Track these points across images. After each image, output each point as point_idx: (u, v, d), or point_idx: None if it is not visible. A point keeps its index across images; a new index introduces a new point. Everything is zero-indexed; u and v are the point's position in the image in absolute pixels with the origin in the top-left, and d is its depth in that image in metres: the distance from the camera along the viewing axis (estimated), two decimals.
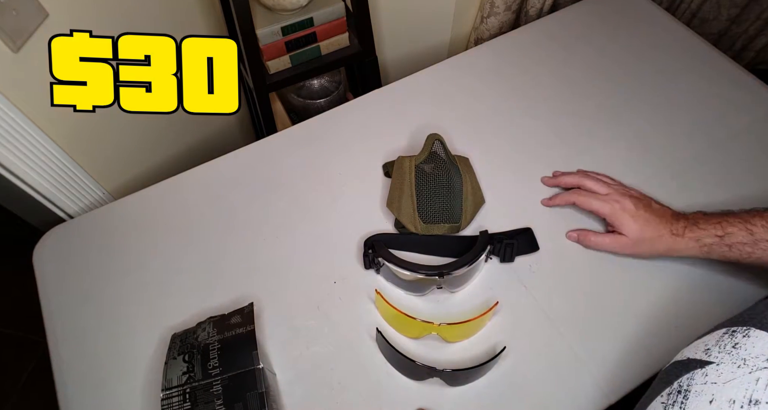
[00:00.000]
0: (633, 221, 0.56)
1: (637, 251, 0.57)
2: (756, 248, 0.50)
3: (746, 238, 0.51)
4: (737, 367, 0.30)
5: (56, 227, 0.68)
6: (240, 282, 0.62)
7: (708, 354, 0.33)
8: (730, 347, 0.32)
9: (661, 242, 0.55)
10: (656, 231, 0.55)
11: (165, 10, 0.85)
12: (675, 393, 0.33)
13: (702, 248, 0.53)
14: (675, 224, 0.55)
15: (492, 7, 0.99)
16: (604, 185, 0.60)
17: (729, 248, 0.52)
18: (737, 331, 0.32)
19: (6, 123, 0.63)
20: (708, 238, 0.53)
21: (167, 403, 0.49)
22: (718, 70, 0.77)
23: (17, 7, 0.60)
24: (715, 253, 0.53)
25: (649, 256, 0.57)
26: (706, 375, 0.32)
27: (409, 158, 0.64)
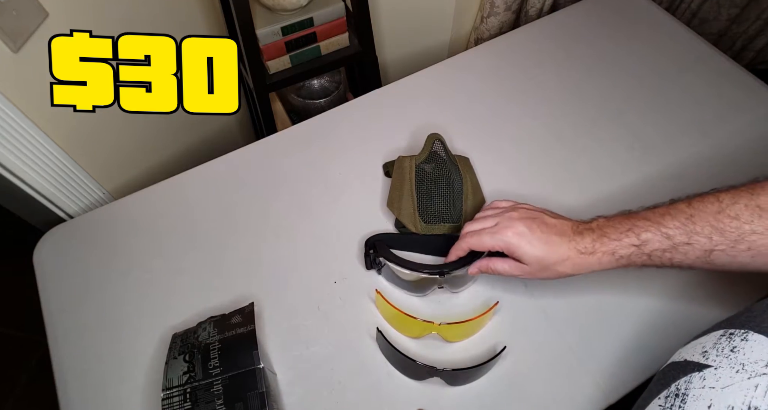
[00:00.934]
0: (530, 246, 0.49)
1: (544, 276, 0.50)
2: (676, 253, 0.45)
3: (664, 243, 0.45)
4: (736, 372, 0.30)
5: (56, 227, 0.68)
6: (240, 282, 0.62)
7: (705, 356, 0.33)
8: (728, 350, 0.32)
9: (567, 264, 0.48)
10: (559, 254, 0.48)
11: (165, 10, 0.85)
12: (672, 396, 0.33)
13: (619, 261, 0.47)
14: (580, 241, 0.48)
15: (492, 7, 0.99)
16: (490, 217, 0.53)
17: (648, 256, 0.46)
18: (735, 334, 0.32)
19: (6, 123, 0.63)
20: (623, 249, 0.47)
21: (168, 403, 0.49)
22: (718, 70, 0.77)
23: (17, 7, 0.60)
24: (633, 264, 0.47)
25: (557, 278, 0.50)
26: (704, 378, 0.31)
27: (410, 158, 0.64)
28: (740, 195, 0.43)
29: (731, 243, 0.42)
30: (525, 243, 0.49)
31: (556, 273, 0.49)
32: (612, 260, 0.47)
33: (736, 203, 0.43)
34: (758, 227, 0.41)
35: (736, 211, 0.42)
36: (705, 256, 0.44)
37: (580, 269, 0.49)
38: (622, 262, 0.47)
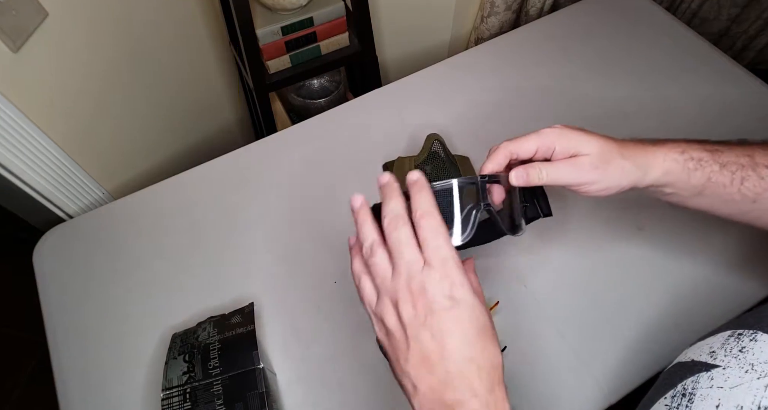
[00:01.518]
0: (587, 133, 0.41)
1: (605, 175, 0.40)
2: (752, 174, 0.40)
3: (742, 159, 0.40)
4: (745, 372, 0.30)
5: (56, 227, 0.68)
6: (240, 282, 0.62)
7: (713, 357, 0.33)
8: (736, 351, 0.31)
9: (631, 153, 0.41)
10: (621, 143, 0.41)
11: (164, 10, 0.85)
12: (679, 395, 0.32)
13: (687, 163, 0.40)
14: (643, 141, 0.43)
15: (492, 7, 0.99)
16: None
17: (721, 168, 0.40)
18: (743, 334, 0.32)
19: (6, 123, 0.63)
20: (694, 151, 0.41)
21: (167, 403, 0.49)
22: (719, 70, 0.77)
23: (17, 7, 0.60)
24: (701, 173, 0.40)
25: (618, 180, 0.41)
26: (711, 378, 0.31)
27: (409, 158, 0.64)
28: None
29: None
30: (579, 130, 0.42)
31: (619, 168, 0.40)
32: (680, 159, 0.41)
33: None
34: None
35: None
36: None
37: (644, 163, 0.41)
38: (690, 165, 0.40)
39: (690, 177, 0.41)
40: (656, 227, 0.63)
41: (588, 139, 0.41)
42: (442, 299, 0.31)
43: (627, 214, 0.64)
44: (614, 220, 0.64)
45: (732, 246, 0.61)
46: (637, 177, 0.41)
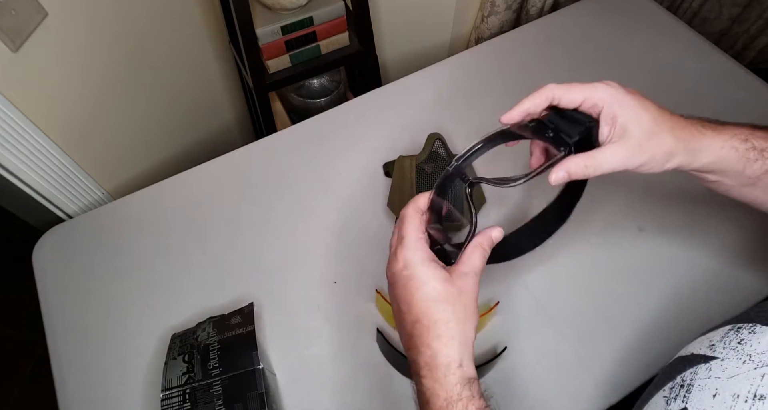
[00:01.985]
0: (641, 101, 0.38)
1: (650, 156, 0.37)
2: None
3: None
4: (742, 363, 0.30)
5: (56, 227, 0.68)
6: (240, 282, 0.62)
7: (712, 349, 0.33)
8: (735, 343, 0.32)
9: (684, 134, 0.38)
10: (675, 120, 0.38)
11: (164, 9, 0.85)
12: (678, 387, 0.33)
13: (747, 153, 0.38)
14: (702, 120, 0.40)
15: (493, 6, 0.99)
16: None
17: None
18: (743, 327, 0.32)
19: (6, 123, 0.62)
20: (759, 140, 0.39)
21: (167, 403, 0.49)
22: (720, 69, 0.77)
23: (17, 6, 0.60)
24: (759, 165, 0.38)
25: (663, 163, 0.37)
26: (710, 369, 0.31)
27: (410, 158, 0.64)
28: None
29: None
30: (633, 96, 0.39)
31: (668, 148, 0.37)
32: (741, 148, 0.38)
33: None
34: None
35: None
36: None
37: (696, 147, 0.38)
38: (751, 156, 0.38)
39: (746, 168, 0.38)
40: (656, 228, 0.63)
41: (641, 113, 0.37)
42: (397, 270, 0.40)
43: (628, 215, 0.64)
44: (615, 221, 0.64)
45: (732, 247, 0.61)
46: (685, 161, 0.38)
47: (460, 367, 0.36)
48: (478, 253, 0.39)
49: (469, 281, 0.38)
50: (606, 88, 0.39)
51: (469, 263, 0.39)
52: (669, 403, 0.32)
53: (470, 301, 0.38)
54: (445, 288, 0.37)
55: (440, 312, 0.37)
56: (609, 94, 0.38)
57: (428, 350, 0.36)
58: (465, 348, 0.37)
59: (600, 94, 0.38)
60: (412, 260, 0.39)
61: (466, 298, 0.38)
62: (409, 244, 0.40)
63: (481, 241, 0.40)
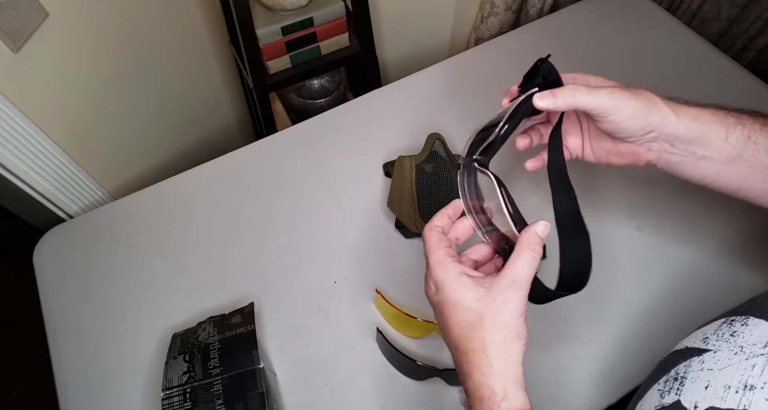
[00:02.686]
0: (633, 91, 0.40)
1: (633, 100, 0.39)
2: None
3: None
4: (734, 354, 0.30)
5: (56, 227, 0.68)
6: (240, 282, 0.62)
7: (706, 342, 0.33)
8: (728, 335, 0.32)
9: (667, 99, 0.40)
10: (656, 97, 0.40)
11: (165, 9, 0.85)
12: (671, 380, 0.33)
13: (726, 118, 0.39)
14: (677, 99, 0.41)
15: (492, 7, 0.99)
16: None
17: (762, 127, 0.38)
18: (736, 320, 0.33)
19: (6, 123, 0.63)
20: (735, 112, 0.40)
21: (168, 403, 0.49)
22: (719, 70, 0.77)
23: (17, 7, 0.60)
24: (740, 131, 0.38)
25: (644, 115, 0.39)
26: (702, 362, 0.32)
27: (410, 158, 0.64)
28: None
29: None
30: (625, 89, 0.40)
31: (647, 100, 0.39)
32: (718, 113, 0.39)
33: None
34: None
35: None
36: None
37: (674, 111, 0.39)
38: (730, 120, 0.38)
39: (728, 133, 0.38)
40: (655, 228, 0.63)
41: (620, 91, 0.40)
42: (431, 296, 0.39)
43: (626, 215, 0.64)
44: (613, 221, 0.64)
45: (729, 246, 0.61)
46: (668, 116, 0.38)
47: (505, 399, 0.33)
48: (523, 258, 0.35)
49: (511, 295, 0.34)
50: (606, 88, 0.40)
51: (511, 271, 0.35)
52: (663, 396, 0.32)
53: (512, 319, 0.34)
54: (479, 309, 0.34)
55: (474, 340, 0.34)
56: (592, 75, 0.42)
57: (470, 380, 0.35)
58: (507, 377, 0.34)
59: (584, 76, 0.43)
60: (440, 282, 0.36)
61: (508, 316, 0.34)
62: (432, 265, 0.37)
63: (526, 241, 0.36)
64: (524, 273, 0.35)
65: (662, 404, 0.32)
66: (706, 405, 0.29)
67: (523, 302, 0.35)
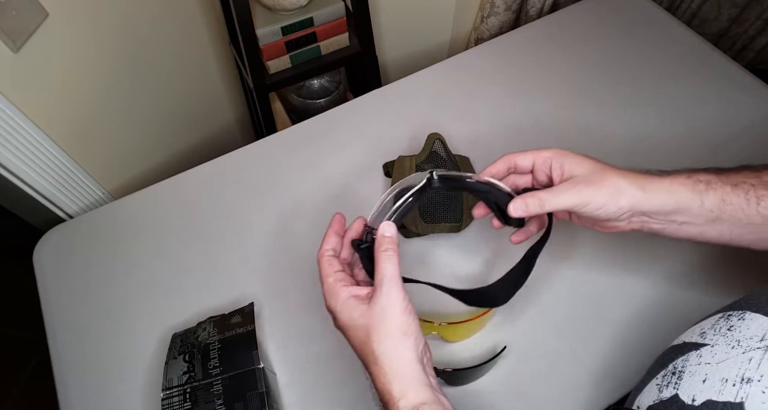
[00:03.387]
0: (583, 157, 0.42)
1: (600, 191, 0.40)
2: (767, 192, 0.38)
3: (752, 178, 0.39)
4: (731, 348, 0.30)
5: (56, 227, 0.68)
6: (240, 282, 0.62)
7: (703, 337, 0.33)
8: (725, 329, 0.32)
9: (630, 176, 0.40)
10: (619, 170, 0.41)
11: (165, 10, 0.85)
12: (669, 374, 0.33)
13: (696, 186, 0.39)
14: (646, 172, 0.42)
15: (492, 7, 0.99)
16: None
17: (733, 188, 0.39)
18: (733, 315, 0.33)
19: (6, 123, 0.63)
20: (702, 174, 0.40)
21: (168, 403, 0.49)
22: (719, 70, 0.77)
23: (17, 7, 0.60)
24: (713, 193, 0.39)
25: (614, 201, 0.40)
26: (700, 356, 0.32)
27: (410, 158, 0.64)
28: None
29: None
30: (578, 154, 0.42)
31: (613, 187, 0.39)
32: (688, 182, 0.39)
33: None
34: None
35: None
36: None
37: (644, 186, 0.40)
38: (700, 188, 0.39)
39: (703, 200, 0.39)
40: None
41: (583, 160, 0.42)
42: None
43: None
44: None
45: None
46: (638, 197, 0.40)
47: (403, 398, 0.35)
48: (380, 259, 0.38)
49: (385, 299, 0.37)
50: (549, 149, 0.43)
51: (377, 277, 0.38)
52: (661, 390, 0.33)
53: (394, 320, 0.36)
54: (365, 324, 0.37)
55: (369, 354, 0.36)
56: (553, 151, 0.43)
57: (377, 392, 0.36)
58: (404, 377, 0.35)
59: (546, 153, 0.43)
60: (333, 310, 0.39)
61: (389, 319, 0.36)
62: (324, 295, 0.41)
63: (377, 246, 0.39)
64: (388, 272, 0.38)
65: (660, 398, 0.32)
66: (703, 399, 0.29)
67: (399, 300, 0.37)
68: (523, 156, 0.44)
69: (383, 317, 0.36)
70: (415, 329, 0.37)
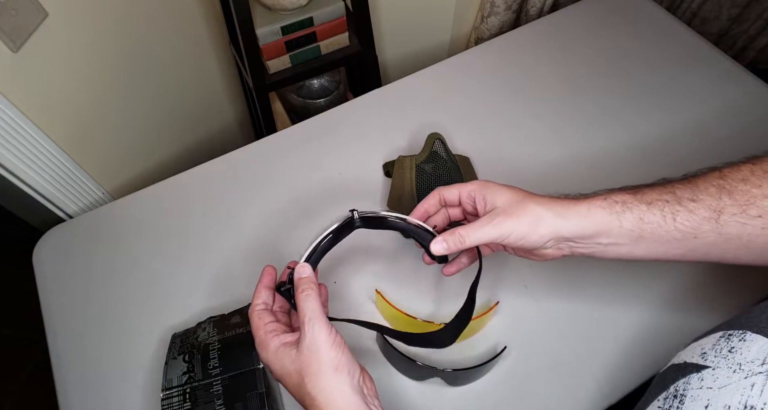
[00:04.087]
0: (504, 187, 0.43)
1: (519, 222, 0.41)
2: (680, 208, 0.39)
3: (665, 194, 0.40)
4: (733, 372, 0.30)
5: (56, 227, 0.68)
6: (240, 282, 0.62)
7: (704, 358, 0.33)
8: (726, 351, 0.32)
9: (551, 205, 0.41)
10: (539, 198, 0.42)
11: (164, 10, 0.85)
12: (671, 397, 0.33)
13: (613, 207, 0.40)
14: (565, 198, 0.43)
15: (492, 7, 0.99)
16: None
17: (648, 206, 0.39)
18: (733, 335, 0.32)
19: (6, 123, 0.63)
20: (617, 195, 0.41)
21: (167, 403, 0.49)
22: (719, 69, 0.77)
23: (17, 6, 0.60)
24: (630, 214, 0.40)
25: (534, 230, 0.41)
26: (702, 379, 0.31)
27: (410, 158, 0.64)
28: (741, 164, 0.40)
29: (741, 207, 0.38)
30: (497, 184, 0.44)
31: (536, 216, 0.41)
32: (605, 205, 0.40)
33: (739, 170, 0.39)
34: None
35: (742, 175, 0.39)
36: (714, 218, 0.38)
37: (564, 213, 0.41)
38: (617, 209, 0.40)
39: (621, 221, 0.40)
40: None
41: (503, 190, 0.43)
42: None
43: None
44: None
45: None
46: (557, 224, 0.41)
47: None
48: (300, 299, 0.39)
49: (309, 339, 0.37)
50: (472, 183, 0.45)
51: (300, 317, 0.39)
52: None
53: (324, 358, 0.37)
54: (297, 369, 0.37)
55: (306, 398, 0.37)
56: (476, 184, 0.44)
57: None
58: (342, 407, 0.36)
59: (469, 187, 0.45)
60: (267, 363, 0.40)
61: (319, 359, 0.37)
62: (257, 350, 0.41)
63: (297, 286, 0.41)
64: (308, 310, 0.39)
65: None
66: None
67: (324, 336, 0.37)
68: (449, 191, 0.46)
69: (311, 357, 0.37)
70: (346, 361, 0.37)
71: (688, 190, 0.40)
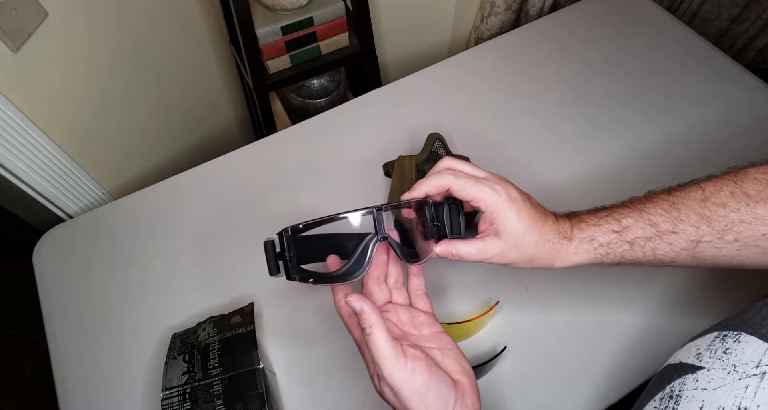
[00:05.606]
0: (517, 216, 0.42)
1: (512, 259, 0.43)
2: (660, 243, 0.41)
3: (647, 230, 0.41)
4: (727, 373, 0.30)
5: (56, 227, 0.68)
6: (240, 282, 0.62)
7: (699, 358, 0.33)
8: (720, 352, 0.32)
9: (545, 248, 0.42)
10: (541, 232, 0.42)
11: (164, 9, 0.85)
12: (667, 398, 0.33)
13: (598, 250, 0.42)
14: (561, 225, 0.43)
15: (492, 7, 0.99)
16: (481, 169, 0.45)
17: (630, 246, 0.42)
18: (728, 336, 0.33)
19: (6, 123, 0.63)
20: (602, 235, 0.42)
21: (167, 403, 0.49)
22: (719, 70, 0.77)
23: (17, 7, 0.60)
24: (613, 255, 0.42)
25: (525, 266, 0.44)
26: (696, 380, 0.32)
27: (410, 158, 0.64)
28: (724, 183, 0.41)
29: (718, 233, 0.39)
30: (514, 210, 0.41)
31: (528, 257, 0.42)
32: (590, 249, 0.42)
33: (720, 191, 0.40)
34: (746, 215, 0.39)
35: (721, 199, 0.40)
36: (691, 248, 0.40)
37: (554, 257, 0.43)
38: (601, 252, 0.42)
39: (604, 260, 0.43)
40: None
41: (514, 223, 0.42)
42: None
43: None
44: None
45: None
46: (545, 266, 0.44)
47: None
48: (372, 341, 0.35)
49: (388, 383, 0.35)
50: (493, 194, 0.42)
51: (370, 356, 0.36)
52: None
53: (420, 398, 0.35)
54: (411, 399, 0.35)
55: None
56: (492, 200, 0.42)
57: None
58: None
59: (486, 199, 0.42)
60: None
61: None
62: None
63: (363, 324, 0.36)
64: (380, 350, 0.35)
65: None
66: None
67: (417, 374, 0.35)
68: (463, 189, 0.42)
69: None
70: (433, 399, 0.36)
71: (670, 221, 0.41)
